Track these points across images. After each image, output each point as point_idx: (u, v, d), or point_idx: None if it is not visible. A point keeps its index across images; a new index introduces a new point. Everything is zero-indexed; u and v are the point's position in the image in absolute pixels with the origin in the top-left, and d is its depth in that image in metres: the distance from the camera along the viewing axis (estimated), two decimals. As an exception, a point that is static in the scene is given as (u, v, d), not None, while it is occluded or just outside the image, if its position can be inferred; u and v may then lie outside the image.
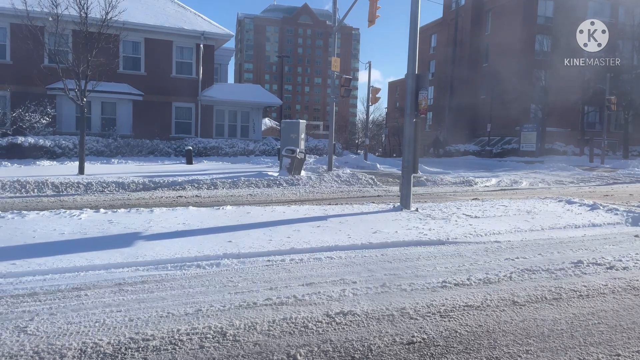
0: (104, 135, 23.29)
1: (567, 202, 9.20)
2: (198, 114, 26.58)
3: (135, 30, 25.03)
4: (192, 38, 26.03)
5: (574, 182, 17.23)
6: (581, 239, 6.70)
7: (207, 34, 26.07)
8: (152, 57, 25.55)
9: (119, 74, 24.98)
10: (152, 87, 25.28)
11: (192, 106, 26.65)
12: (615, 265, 5.28)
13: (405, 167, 8.11)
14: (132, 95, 24.99)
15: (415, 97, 7.80)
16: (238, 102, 27.32)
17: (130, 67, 25.44)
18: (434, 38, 51.00)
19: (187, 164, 19.70)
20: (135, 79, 25.28)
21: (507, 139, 36.84)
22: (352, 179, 15.25)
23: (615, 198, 12.33)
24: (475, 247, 6.12)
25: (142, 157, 21.77)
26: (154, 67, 25.59)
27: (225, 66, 34.28)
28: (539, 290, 4.42)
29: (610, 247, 6.24)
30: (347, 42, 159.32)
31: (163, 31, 25.41)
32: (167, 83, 25.90)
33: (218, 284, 4.38)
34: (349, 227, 6.67)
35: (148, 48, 25.53)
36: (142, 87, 25.17)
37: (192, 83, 26.29)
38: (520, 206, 8.87)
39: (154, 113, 25.51)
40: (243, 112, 28.10)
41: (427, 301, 4.07)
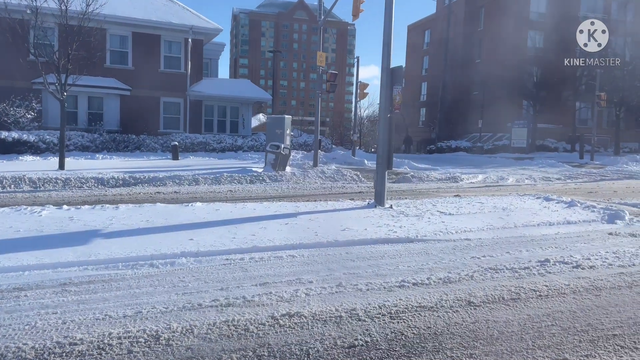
0: (91, 130, 23.03)
1: (545, 199, 9.11)
2: (187, 109, 26.34)
3: (122, 24, 24.76)
4: (181, 32, 25.75)
5: (561, 179, 17.17)
6: (553, 236, 6.60)
7: (196, 28, 25.79)
8: (140, 51, 25.26)
9: (106, 69, 24.71)
10: (140, 81, 24.99)
11: (181, 101, 26.39)
12: (582, 264, 5.18)
13: (379, 164, 7.97)
14: (120, 90, 24.72)
15: (390, 92, 7.66)
16: (227, 97, 27.09)
17: (118, 62, 25.14)
18: (427, 34, 50.81)
19: (172, 160, 19.51)
20: (122, 74, 24.99)
21: (498, 135, 36.79)
22: (337, 175, 15.12)
23: (599, 195, 12.26)
24: (444, 245, 6.01)
25: (128, 152, 21.55)
26: (141, 62, 25.30)
27: (216, 61, 34.01)
28: (498, 290, 4.31)
29: (581, 245, 6.14)
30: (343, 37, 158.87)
31: (151, 25, 25.11)
32: (155, 78, 25.61)
33: (168, 284, 4.25)
34: (318, 225, 6.55)
35: (136, 42, 25.23)
36: (129, 82, 24.89)
37: (181, 78, 26.03)
38: (497, 203, 8.77)
39: (142, 108, 25.24)
40: (232, 108, 27.88)
41: (381, 302, 3.95)
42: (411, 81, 54.76)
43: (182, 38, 25.91)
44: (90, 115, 24.26)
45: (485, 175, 17.46)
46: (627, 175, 18.88)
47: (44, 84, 14.51)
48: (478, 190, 12.96)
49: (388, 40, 7.73)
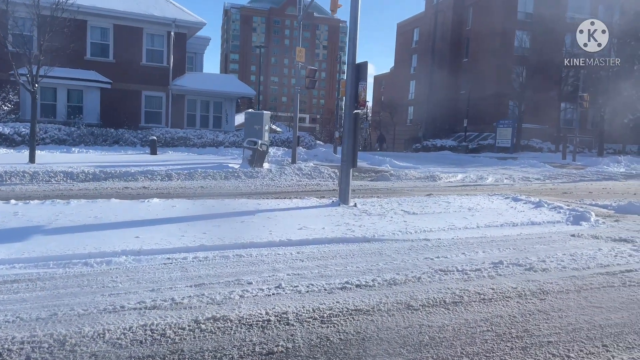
0: (70, 123, 22.62)
1: (513, 200, 9.03)
2: (169, 103, 26.00)
3: (103, 16, 24.37)
4: (163, 25, 25.39)
5: (540, 179, 17.15)
6: (514, 238, 6.50)
7: (179, 21, 25.45)
8: (122, 44, 24.88)
9: (87, 61, 24.31)
10: (121, 74, 24.61)
11: (163, 95, 26.05)
12: (535, 267, 5.07)
13: (343, 161, 7.83)
14: (100, 82, 24.31)
15: (355, 88, 7.50)
16: (210, 92, 26.78)
17: (99, 54, 24.74)
18: (416, 32, 50.75)
19: (151, 155, 19.23)
20: (103, 66, 24.59)
21: (484, 134, 36.87)
22: (314, 173, 14.96)
23: (573, 196, 12.23)
24: (401, 245, 5.87)
25: (106, 146, 21.20)
26: (123, 55, 24.92)
27: (201, 55, 33.62)
28: (442, 293, 4.18)
29: (540, 247, 6.04)
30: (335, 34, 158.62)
31: (132, 17, 24.73)
32: (137, 71, 25.26)
33: (97, 284, 4.06)
34: (275, 223, 6.38)
35: (117, 35, 24.83)
36: (110, 75, 24.49)
37: (163, 71, 25.69)
38: (465, 203, 8.66)
39: (123, 101, 24.87)
40: (216, 103, 27.58)
41: (317, 304, 3.80)
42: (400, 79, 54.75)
43: (164, 31, 25.56)
44: (70, 108, 23.84)
45: (465, 174, 17.40)
46: (606, 176, 18.94)
47: (14, 76, 14.16)
48: (453, 190, 12.87)
49: (354, 36, 7.57)
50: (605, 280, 4.74)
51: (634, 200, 9.68)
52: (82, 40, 24.19)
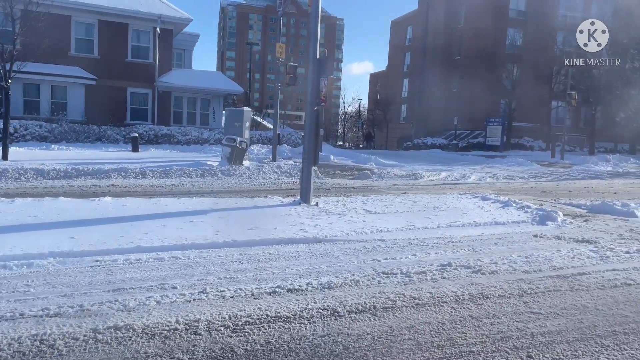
0: (53, 120, 22.37)
1: (482, 199, 8.82)
2: (155, 100, 25.75)
3: (87, 12, 24.09)
4: (149, 21, 25.12)
5: (524, 178, 16.96)
6: (474, 238, 6.30)
7: (165, 17, 25.17)
8: (107, 40, 24.60)
9: (71, 57, 24.04)
10: (106, 71, 24.34)
11: (149, 92, 25.79)
12: (484, 269, 4.86)
13: (305, 159, 7.61)
14: (84, 79, 24.05)
15: (317, 84, 7.29)
16: (197, 88, 26.53)
17: (83, 50, 24.47)
18: (409, 30, 50.52)
19: (132, 152, 18.99)
20: (88, 62, 24.32)
21: (476, 132, 36.69)
22: (293, 171, 14.73)
23: (552, 194, 12.04)
24: (353, 246, 5.66)
25: (88, 143, 20.96)
26: (108, 51, 24.65)
27: (190, 52, 33.38)
28: (375, 298, 3.97)
29: (497, 248, 5.84)
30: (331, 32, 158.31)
31: (118, 13, 24.45)
32: (122, 67, 25.00)
33: (8, 288, 3.84)
34: (225, 223, 6.17)
35: (102, 30, 24.55)
36: (95, 71, 24.23)
37: (149, 68, 25.42)
38: (432, 202, 8.46)
39: (108, 98, 24.60)
40: (203, 100, 27.33)
41: (236, 311, 3.58)
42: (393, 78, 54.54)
43: (150, 27, 25.29)
44: (54, 105, 23.57)
45: (449, 173, 17.20)
46: (591, 175, 18.76)
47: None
48: (431, 188, 12.67)
49: (315, 30, 7.34)
50: (553, 284, 4.54)
51: (609, 200, 9.49)
52: (66, 36, 23.92)
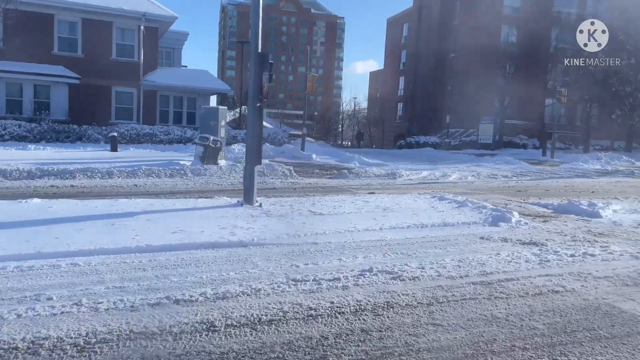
0: (36, 120, 22.15)
1: (439, 199, 8.47)
2: (140, 99, 25.52)
3: (71, 10, 23.87)
4: (133, 19, 24.88)
5: (507, 176, 16.57)
6: (415, 240, 5.96)
7: (149, 15, 24.91)
8: (91, 38, 24.37)
9: (54, 56, 23.83)
10: (90, 70, 24.10)
11: (134, 91, 25.55)
12: (405, 275, 4.53)
13: (247, 158, 7.29)
14: (68, 78, 23.82)
15: (260, 79, 6.97)
16: (183, 87, 26.26)
17: (67, 49, 24.25)
18: (405, 27, 50.08)
19: (111, 151, 18.73)
20: (71, 61, 24.09)
21: (470, 131, 36.25)
22: (267, 170, 14.41)
23: (525, 194, 11.67)
24: (280, 250, 5.34)
25: (68, 143, 20.71)
26: (92, 49, 24.42)
27: (179, 50, 33.12)
28: (267, 309, 3.65)
29: (434, 251, 5.50)
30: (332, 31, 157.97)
31: (101, 11, 24.21)
32: (107, 66, 24.76)
33: None
34: (149, 226, 5.86)
35: (86, 29, 24.32)
36: (79, 70, 24.00)
37: (134, 67, 25.17)
38: (386, 202, 8.12)
39: (93, 97, 24.38)
40: (189, 99, 27.06)
41: (98, 327, 3.26)
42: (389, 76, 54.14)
43: (135, 25, 25.03)
44: (36, 105, 23.35)
45: (431, 171, 16.83)
46: (578, 173, 18.35)
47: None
48: (402, 188, 12.33)
49: (256, 21, 7.02)
50: (473, 291, 4.21)
51: (576, 199, 9.12)
52: (49, 35, 23.72)
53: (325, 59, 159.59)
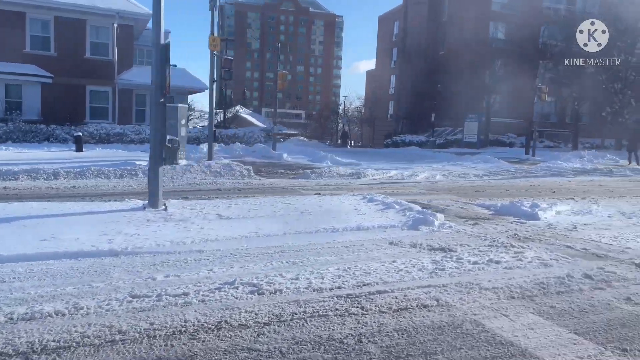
0: (7, 120, 21.80)
1: (368, 200, 7.99)
2: (115, 98, 25.13)
3: (43, 8, 23.49)
4: (107, 17, 24.48)
5: (478, 176, 16.07)
6: (315, 247, 5.48)
7: (123, 13, 24.52)
8: (64, 36, 24.00)
9: (26, 54, 23.47)
10: (63, 68, 23.74)
11: (109, 90, 25.18)
12: (265, 289, 4.06)
13: (151, 157, 6.86)
14: (41, 77, 23.48)
15: (163, 73, 6.53)
16: (159, 86, 25.80)
17: (39, 47, 23.88)
18: (396, 25, 49.55)
19: (75, 151, 18.35)
20: (44, 60, 23.74)
21: (458, 129, 35.73)
22: (224, 170, 13.97)
23: (482, 194, 11.18)
24: (151, 259, 4.88)
25: (35, 143, 20.35)
26: (65, 48, 24.05)
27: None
28: (64, 335, 3.19)
29: (327, 259, 5.01)
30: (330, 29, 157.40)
31: (74, 9, 23.82)
32: (81, 65, 24.39)
33: None
34: (21, 232, 5.41)
35: (59, 27, 23.96)
36: (52, 69, 23.65)
37: (109, 65, 24.79)
38: (309, 204, 7.64)
39: (66, 97, 24.02)
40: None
41: None
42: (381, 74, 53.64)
43: (109, 23, 24.63)
44: (8, 104, 23.01)
45: (400, 171, 16.33)
46: (554, 172, 17.82)
47: None
48: (355, 188, 11.86)
49: (157, 10, 6.56)
50: (329, 307, 3.74)
51: (518, 200, 8.63)
52: (21, 33, 23.33)
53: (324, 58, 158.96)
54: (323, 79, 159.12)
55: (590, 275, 4.65)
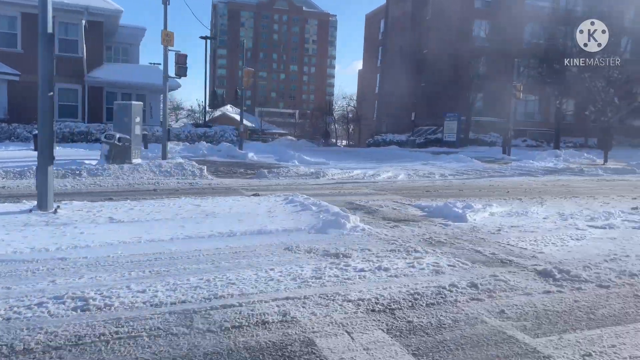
0: (-30, 118, 21.31)
1: (288, 202, 7.49)
2: (85, 96, 24.61)
3: (8, 3, 22.94)
4: (76, 13, 23.94)
5: (443, 175, 15.66)
6: (195, 254, 5.03)
7: (92, 9, 23.99)
8: (31, 33, 23.34)
9: (-9, 52, 22.93)
10: (31, 66, 22.93)
11: (79, 88, 24.65)
12: (95, 304, 3.61)
13: (40, 156, 6.39)
14: (6, 74, 22.96)
15: (50, 64, 6.08)
16: (131, 84, 25.35)
17: (5, 44, 23.35)
18: (382, 23, 49.14)
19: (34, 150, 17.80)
20: (10, 57, 23.19)
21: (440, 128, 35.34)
22: (175, 170, 13.51)
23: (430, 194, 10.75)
24: (2, 266, 4.44)
25: (-6, 142, 19.84)
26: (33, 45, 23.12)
27: (136, 47, 32.12)
28: None
29: (199, 267, 4.57)
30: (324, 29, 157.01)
31: (41, 5, 23.29)
32: (49, 62, 23.84)
33: None
34: None
35: (25, 23, 23.39)
36: (18, 66, 23.10)
37: (78, 62, 24.26)
38: (219, 206, 7.18)
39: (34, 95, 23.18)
40: (139, 95, 26.07)
41: None
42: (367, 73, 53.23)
43: (78, 20, 24.10)
44: (-28, 102, 22.49)
45: (365, 171, 15.91)
46: (523, 172, 17.43)
47: None
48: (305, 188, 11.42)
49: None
50: (148, 327, 3.28)
51: (451, 201, 8.19)
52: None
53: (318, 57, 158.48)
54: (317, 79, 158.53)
55: (477, 285, 4.22)
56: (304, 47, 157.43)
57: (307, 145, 36.60)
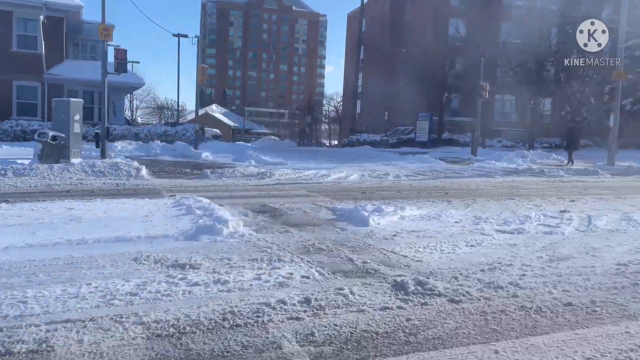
0: None
1: (175, 205, 6.99)
2: (44, 94, 23.96)
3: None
4: (35, 9, 23.34)
5: (397, 176, 15.18)
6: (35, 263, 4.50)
7: (51, 4, 23.39)
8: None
9: (-54, 48, 22.25)
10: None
11: (38, 85, 24.04)
12: None
13: None
14: None
15: None
16: (92, 81, 24.61)
17: None
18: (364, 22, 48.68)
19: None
20: None
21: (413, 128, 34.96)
22: (110, 170, 12.92)
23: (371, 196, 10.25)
24: None
25: (-58, 141, 19.18)
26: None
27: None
28: None
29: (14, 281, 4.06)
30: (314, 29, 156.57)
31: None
32: (7, 58, 23.22)
33: None
34: None
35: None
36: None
37: (37, 59, 23.64)
38: (93, 210, 6.62)
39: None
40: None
41: None
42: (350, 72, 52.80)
43: (37, 15, 23.47)
44: None
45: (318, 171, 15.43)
46: (481, 173, 17.00)
47: None
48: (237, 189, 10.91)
49: None
50: None
51: (361, 204, 7.70)
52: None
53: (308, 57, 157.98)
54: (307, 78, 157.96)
55: (310, 300, 3.71)
56: (293, 47, 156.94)
57: (288, 145, 36.06)
